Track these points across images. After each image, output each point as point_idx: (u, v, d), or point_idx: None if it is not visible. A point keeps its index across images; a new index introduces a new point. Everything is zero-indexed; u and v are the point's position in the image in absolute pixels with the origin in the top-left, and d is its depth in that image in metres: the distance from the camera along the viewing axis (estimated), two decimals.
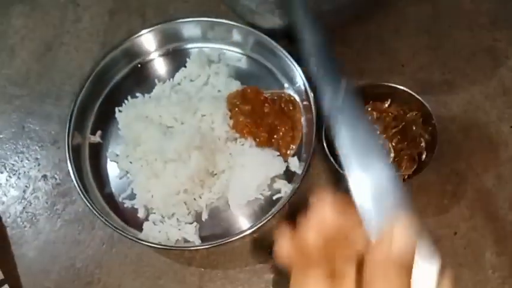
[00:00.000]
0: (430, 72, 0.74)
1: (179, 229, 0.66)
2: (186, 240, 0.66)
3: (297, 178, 0.66)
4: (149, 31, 0.76)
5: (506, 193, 0.67)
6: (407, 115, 0.67)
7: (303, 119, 0.72)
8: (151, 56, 0.78)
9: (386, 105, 0.68)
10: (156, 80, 0.76)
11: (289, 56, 0.70)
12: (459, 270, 0.63)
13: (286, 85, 0.75)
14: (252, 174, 0.67)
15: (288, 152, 0.70)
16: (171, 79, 0.76)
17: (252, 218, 0.68)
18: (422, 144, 0.66)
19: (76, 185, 0.65)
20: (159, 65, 0.78)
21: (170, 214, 0.67)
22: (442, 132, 0.68)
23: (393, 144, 0.66)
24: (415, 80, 0.73)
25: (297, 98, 0.73)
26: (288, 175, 0.69)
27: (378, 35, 0.77)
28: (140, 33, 0.75)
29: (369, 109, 0.68)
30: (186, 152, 0.65)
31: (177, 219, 0.67)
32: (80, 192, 0.64)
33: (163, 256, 0.66)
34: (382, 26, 0.77)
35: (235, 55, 0.78)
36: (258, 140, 0.69)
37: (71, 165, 0.66)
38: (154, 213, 0.67)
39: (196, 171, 0.66)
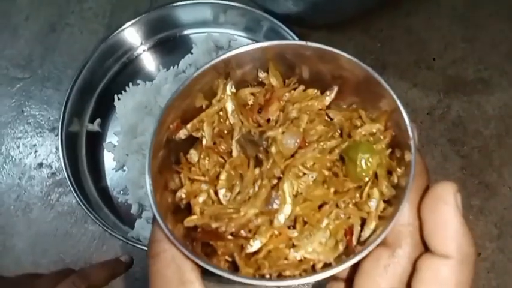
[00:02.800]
0: (464, 68, 0.65)
1: None
2: None
3: None
4: (156, 13, 0.70)
5: None
6: (360, 129, 0.29)
7: None
8: (157, 41, 0.73)
9: (328, 100, 0.30)
10: (160, 67, 0.71)
11: None
12: None
13: None
14: None
15: None
16: (176, 66, 0.70)
17: None
18: (373, 203, 0.27)
19: (67, 176, 0.61)
20: (165, 51, 0.73)
21: None
22: (472, 138, 0.60)
23: (300, 186, 0.28)
24: (446, 77, 0.65)
25: None
26: None
27: (406, 24, 0.68)
28: (147, 15, 0.70)
29: (284, 99, 0.31)
30: None
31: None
32: (71, 185, 0.60)
33: None
34: (411, 13, 0.69)
35: (246, 41, 0.71)
36: None
37: (63, 154, 0.62)
38: (148, 210, 0.63)
39: None
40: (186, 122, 0.30)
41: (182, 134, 0.30)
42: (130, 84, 0.69)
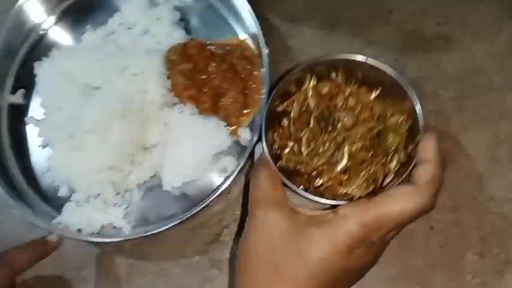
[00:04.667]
0: (423, 22, 0.58)
1: (105, 212, 0.56)
2: (112, 226, 0.56)
3: (245, 154, 0.54)
4: None
5: (501, 180, 0.54)
6: (391, 119, 0.47)
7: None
8: None
9: (373, 96, 0.48)
10: (88, 27, 0.62)
11: None
12: (431, 273, 0.53)
13: (243, 36, 0.60)
14: (190, 150, 0.55)
15: (239, 121, 0.58)
16: (105, 26, 0.62)
17: (193, 202, 0.56)
18: (393, 164, 0.45)
19: None
20: (96, 7, 0.64)
21: (95, 195, 0.56)
22: (429, 101, 0.55)
23: (353, 149, 0.45)
24: (403, 33, 0.58)
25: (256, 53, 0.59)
26: (239, 150, 0.57)
27: None
28: None
29: (347, 93, 0.48)
30: (107, 121, 0.54)
31: (104, 201, 0.57)
32: None
33: (87, 243, 0.57)
34: None
35: None
36: (200, 106, 0.56)
37: None
38: (78, 192, 0.57)
39: (121, 145, 0.54)
40: (283, 101, 0.49)
41: (280, 107, 0.49)
42: (53, 48, 0.61)
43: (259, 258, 0.42)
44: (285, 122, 0.48)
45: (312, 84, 0.48)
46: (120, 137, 0.54)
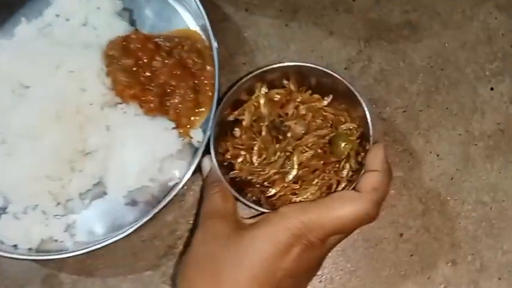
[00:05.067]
0: (389, 10, 0.54)
1: (45, 225, 0.51)
2: (54, 240, 0.51)
3: (196, 157, 0.49)
4: None
5: (474, 182, 0.50)
6: (343, 125, 0.46)
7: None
8: None
9: (325, 102, 0.48)
10: (22, 19, 0.56)
11: None
12: (401, 283, 0.49)
13: (193, 27, 0.55)
14: (134, 155, 0.50)
15: (191, 122, 0.52)
16: (41, 17, 0.56)
17: (144, 210, 0.52)
18: (345, 172, 0.45)
19: None
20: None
21: (33, 205, 0.51)
22: (396, 96, 0.50)
23: (303, 158, 0.45)
24: (367, 22, 0.53)
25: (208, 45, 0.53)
26: (193, 153, 0.52)
27: None
28: None
29: (298, 100, 0.48)
30: (41, 125, 0.48)
31: (43, 212, 0.51)
32: None
33: None
34: None
35: None
36: (145, 106, 0.51)
37: None
38: (14, 203, 0.51)
39: (58, 151, 0.49)
40: (234, 110, 0.48)
41: (231, 117, 0.48)
42: None
43: (200, 268, 0.41)
44: (237, 131, 0.48)
45: (263, 92, 0.47)
46: (56, 142, 0.49)
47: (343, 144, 0.45)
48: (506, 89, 0.51)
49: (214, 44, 0.49)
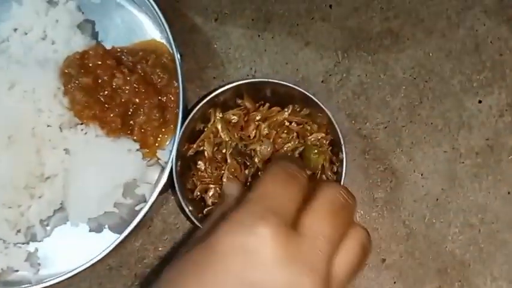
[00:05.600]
0: (368, 17, 0.50)
1: (5, 254, 0.48)
2: (14, 270, 0.48)
3: (161, 180, 0.45)
4: None
5: (461, 202, 0.47)
6: (311, 137, 0.45)
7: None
8: None
9: (286, 114, 0.45)
10: None
11: None
12: None
13: (159, 39, 0.51)
14: (95, 180, 0.47)
15: (158, 142, 0.49)
16: None
17: (109, 237, 0.49)
18: None
19: None
20: None
21: None
22: (377, 110, 0.47)
23: None
24: (345, 31, 0.49)
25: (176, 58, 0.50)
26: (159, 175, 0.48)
27: None
28: None
29: (257, 118, 0.45)
30: None
31: (2, 240, 0.48)
32: None
33: None
34: None
35: None
36: (106, 127, 0.47)
37: None
38: None
39: (13, 177, 0.46)
40: (192, 142, 0.45)
41: (191, 151, 0.45)
42: None
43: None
44: (201, 164, 0.45)
45: (218, 116, 0.45)
46: (10, 167, 0.46)
47: (315, 157, 0.43)
48: (495, 101, 0.48)
49: (177, 56, 0.45)
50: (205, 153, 0.45)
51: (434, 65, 0.48)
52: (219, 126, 0.45)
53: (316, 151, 0.43)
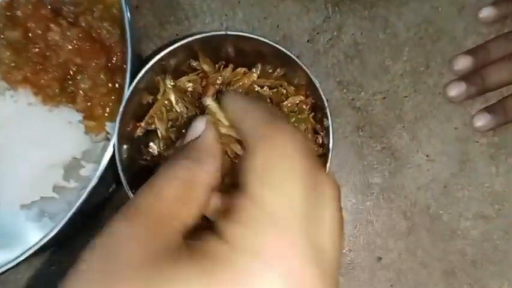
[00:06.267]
0: None
1: None
2: None
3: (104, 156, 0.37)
4: None
5: (473, 190, 0.38)
6: (287, 102, 0.35)
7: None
8: None
9: (255, 76, 0.36)
10: None
11: None
12: None
13: None
14: (28, 158, 0.39)
15: (105, 111, 0.40)
16: None
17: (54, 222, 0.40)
18: None
19: None
20: None
21: None
22: (374, 77, 0.38)
23: None
24: None
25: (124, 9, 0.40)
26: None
27: None
28: None
29: (218, 83, 0.36)
30: None
31: None
32: None
33: None
34: None
35: None
36: (42, 93, 0.38)
37: None
38: None
39: None
40: (139, 119, 0.36)
41: (139, 131, 0.36)
42: None
43: None
44: (154, 146, 0.36)
45: (169, 84, 0.36)
46: None
47: (294, 125, 0.35)
48: None
49: (126, 7, 0.36)
50: (158, 132, 0.36)
51: (444, 23, 0.40)
52: (172, 98, 0.35)
53: (294, 119, 0.35)
